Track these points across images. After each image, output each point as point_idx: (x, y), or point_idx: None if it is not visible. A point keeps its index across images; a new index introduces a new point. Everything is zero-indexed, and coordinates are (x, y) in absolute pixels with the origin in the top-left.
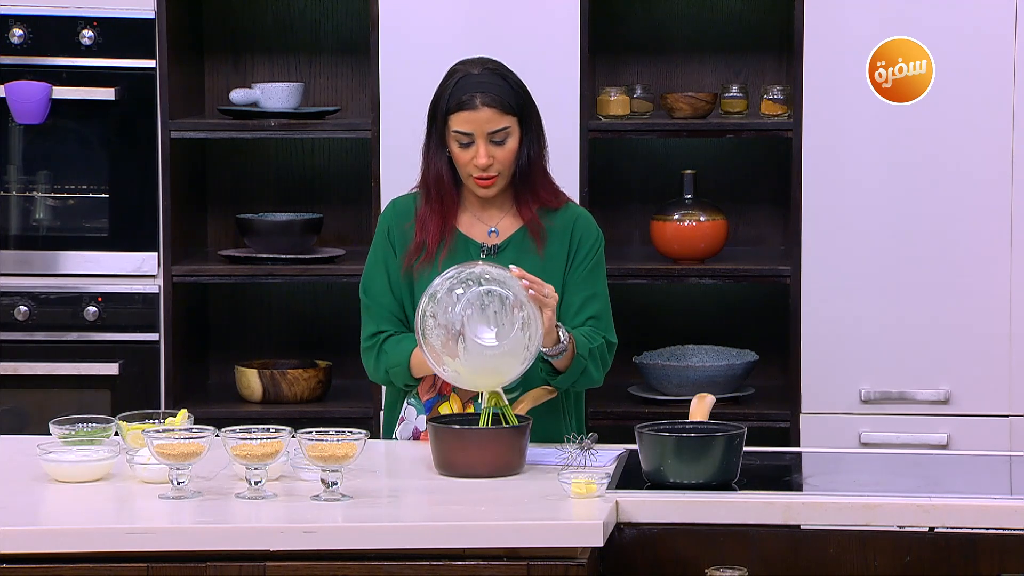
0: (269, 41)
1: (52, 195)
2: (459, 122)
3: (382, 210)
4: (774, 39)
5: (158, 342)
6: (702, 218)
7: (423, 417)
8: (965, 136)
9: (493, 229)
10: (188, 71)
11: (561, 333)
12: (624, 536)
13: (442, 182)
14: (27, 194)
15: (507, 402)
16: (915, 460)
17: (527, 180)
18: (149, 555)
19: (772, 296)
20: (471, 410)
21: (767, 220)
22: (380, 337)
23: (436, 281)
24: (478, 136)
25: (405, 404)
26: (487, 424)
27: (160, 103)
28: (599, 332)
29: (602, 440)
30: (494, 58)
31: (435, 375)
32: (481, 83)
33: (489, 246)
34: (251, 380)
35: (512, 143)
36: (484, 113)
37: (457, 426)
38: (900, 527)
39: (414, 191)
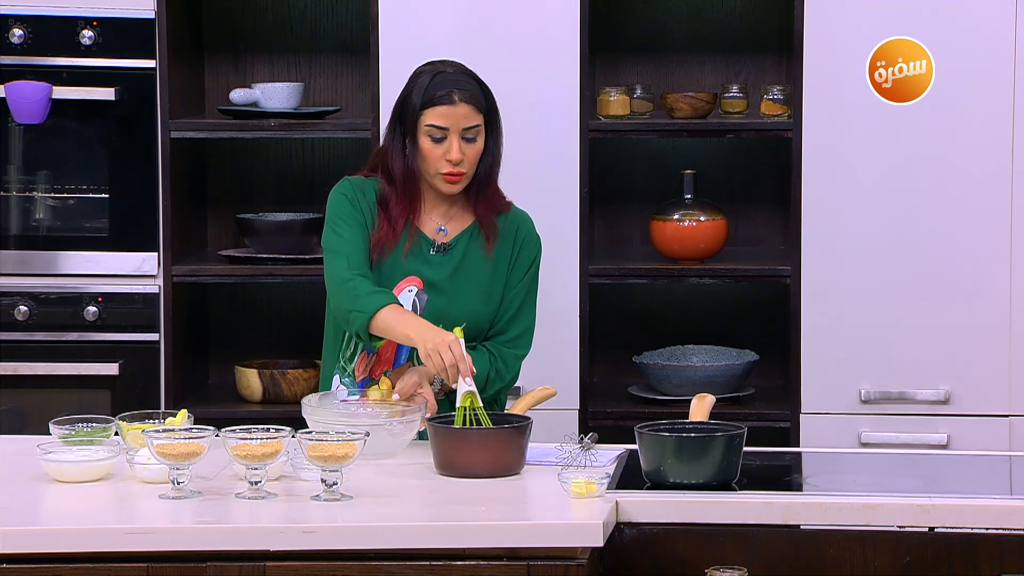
0: (269, 41)
1: (52, 195)
2: (435, 116)
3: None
4: (774, 39)
5: (158, 342)
6: (702, 218)
7: (353, 397)
8: (965, 136)
9: (442, 228)
10: (188, 71)
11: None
12: (624, 536)
13: (411, 178)
14: (27, 194)
15: (481, 404)
16: (915, 460)
17: (485, 182)
18: (149, 555)
19: (772, 296)
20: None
21: (767, 220)
22: (355, 275)
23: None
24: (453, 131)
25: (338, 381)
26: (464, 424)
27: (160, 103)
28: (515, 363)
29: (602, 440)
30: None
31: (367, 357)
32: (457, 80)
33: (439, 243)
34: (251, 380)
35: (480, 142)
36: (461, 108)
37: (457, 426)
38: (900, 527)
39: (363, 175)
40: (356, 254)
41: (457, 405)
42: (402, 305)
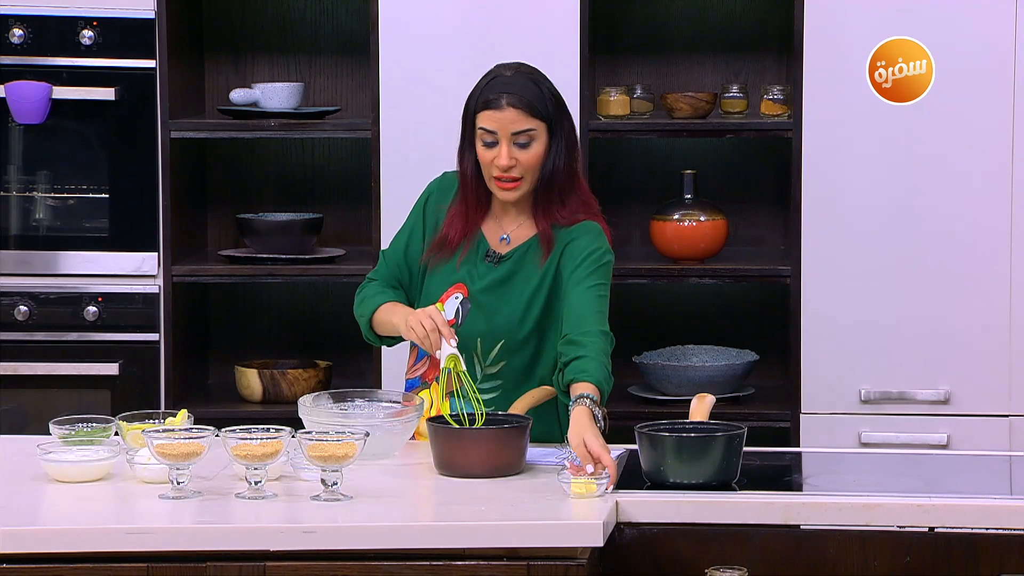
0: (269, 41)
1: (52, 195)
2: (484, 120)
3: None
4: (774, 39)
5: (158, 342)
6: (702, 218)
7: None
8: (965, 136)
9: (505, 236)
10: (188, 71)
11: (597, 418)
12: (624, 536)
13: (470, 182)
14: (27, 194)
15: (464, 368)
16: (915, 460)
17: (549, 191)
18: (149, 555)
19: (772, 296)
20: (446, 406)
21: (767, 220)
22: (371, 281)
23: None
24: (502, 136)
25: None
26: (444, 392)
27: (160, 103)
28: (607, 346)
29: (551, 433)
30: (531, 64)
31: (425, 359)
32: (510, 84)
33: (495, 253)
34: (251, 380)
35: (537, 148)
36: (508, 113)
37: (457, 426)
38: (900, 527)
39: None
40: (389, 263)
41: (441, 367)
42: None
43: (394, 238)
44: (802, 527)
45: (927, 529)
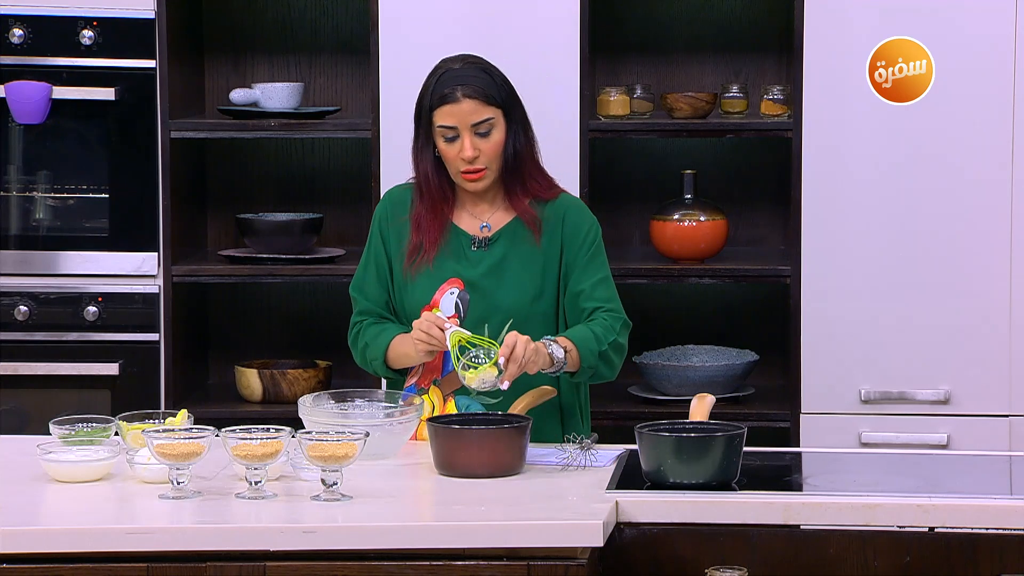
0: (269, 41)
1: (52, 195)
2: (442, 116)
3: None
4: (774, 39)
5: (158, 342)
6: (702, 218)
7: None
8: (965, 136)
9: (485, 224)
10: (188, 71)
11: (554, 353)
12: (624, 536)
13: (432, 182)
14: (27, 194)
15: (469, 333)
16: (915, 460)
17: (516, 173)
18: (149, 555)
19: (772, 296)
20: (451, 405)
21: (767, 220)
22: (362, 324)
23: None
24: (462, 129)
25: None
26: (457, 358)
27: (160, 103)
28: (614, 323)
29: (602, 440)
30: (475, 54)
31: (416, 368)
32: (462, 76)
33: (480, 239)
34: (251, 380)
35: (497, 135)
36: (466, 105)
37: (456, 426)
38: (900, 527)
39: (411, 181)
40: (367, 300)
41: (449, 350)
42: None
43: (359, 271)
44: (802, 527)
45: (927, 529)
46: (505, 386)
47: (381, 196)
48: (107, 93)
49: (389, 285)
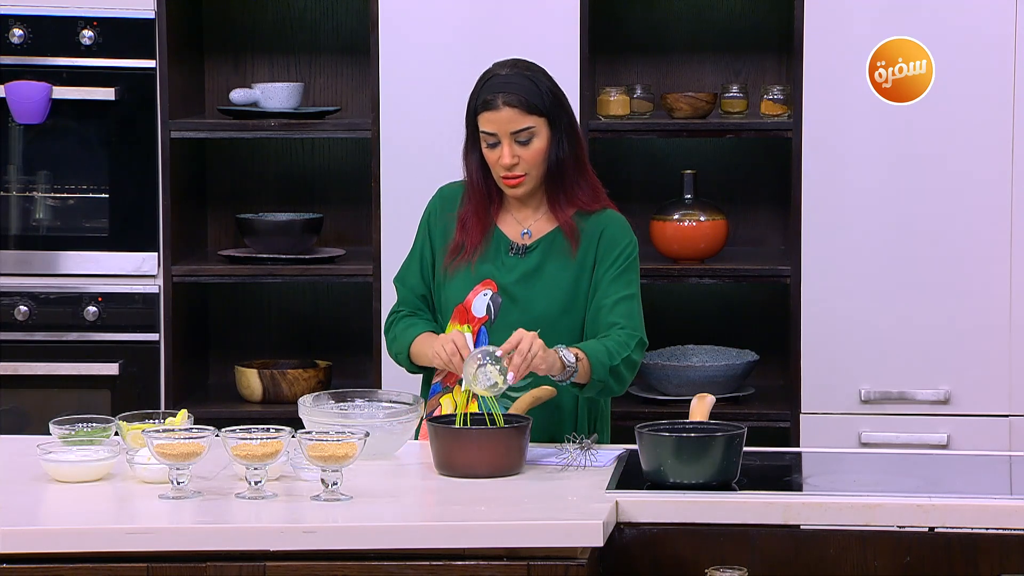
0: (269, 41)
1: (52, 195)
2: (484, 122)
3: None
4: (774, 39)
5: (158, 342)
6: (702, 218)
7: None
8: (965, 136)
9: (526, 230)
10: (188, 71)
11: (564, 356)
12: (624, 536)
13: (478, 183)
14: (27, 194)
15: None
16: (915, 460)
17: (559, 181)
18: (149, 555)
19: (772, 296)
20: (475, 407)
21: (767, 220)
22: (397, 315)
23: None
24: (502, 136)
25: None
26: (468, 398)
27: (160, 103)
28: (629, 340)
29: (602, 440)
30: (526, 59)
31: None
32: (506, 83)
33: (519, 245)
34: (251, 380)
35: (538, 143)
36: (505, 113)
37: (457, 426)
38: (900, 527)
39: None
40: (408, 291)
41: (462, 388)
42: (434, 332)
43: (405, 263)
44: (802, 527)
45: (927, 529)
46: (511, 379)
47: (382, 197)
48: (107, 93)
49: (430, 279)
